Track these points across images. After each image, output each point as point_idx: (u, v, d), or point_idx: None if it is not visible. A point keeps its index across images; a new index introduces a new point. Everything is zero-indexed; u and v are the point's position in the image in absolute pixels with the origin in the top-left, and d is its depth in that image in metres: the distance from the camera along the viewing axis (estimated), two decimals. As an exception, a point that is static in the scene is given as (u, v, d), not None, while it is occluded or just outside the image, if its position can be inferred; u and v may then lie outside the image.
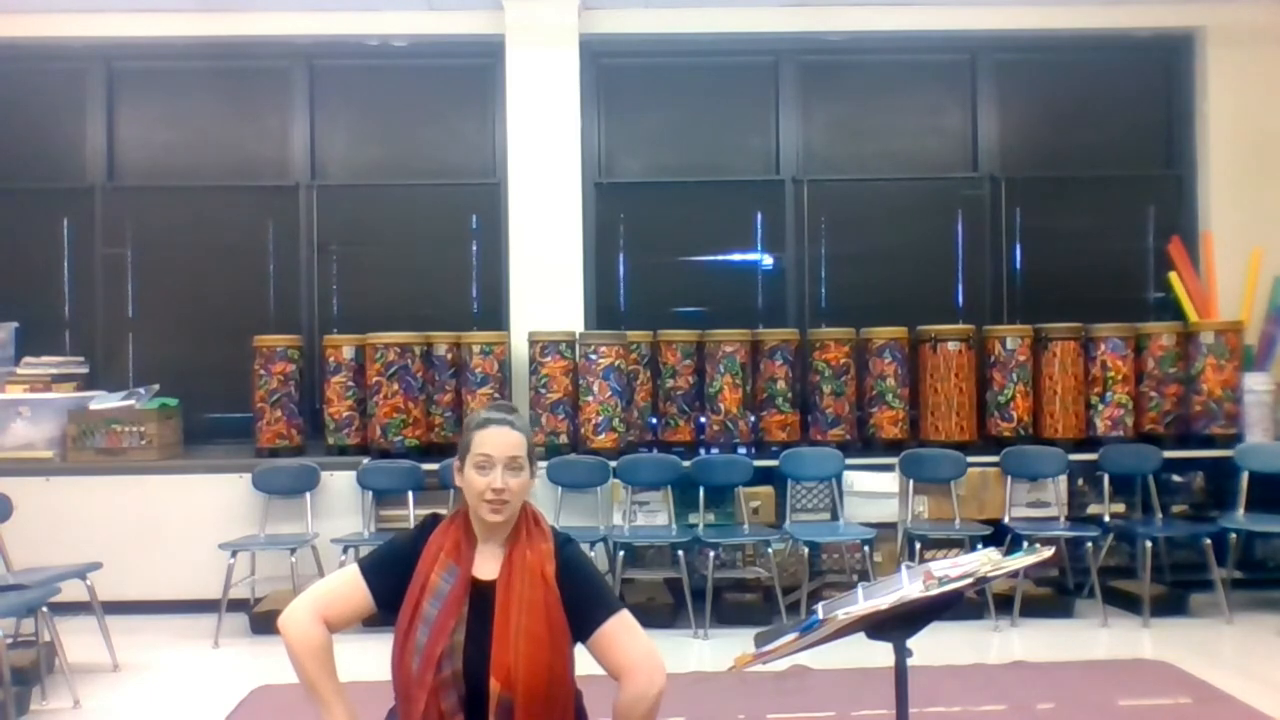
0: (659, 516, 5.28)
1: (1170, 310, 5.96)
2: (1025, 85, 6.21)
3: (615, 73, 6.16)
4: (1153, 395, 5.52)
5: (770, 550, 5.07)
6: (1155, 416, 5.52)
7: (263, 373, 5.51)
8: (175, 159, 6.13)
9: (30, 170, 6.08)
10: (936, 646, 4.00)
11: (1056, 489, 5.30)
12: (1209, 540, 4.94)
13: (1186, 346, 5.55)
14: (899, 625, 1.99)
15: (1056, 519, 5.25)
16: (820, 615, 1.97)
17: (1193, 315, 5.78)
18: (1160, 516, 5.29)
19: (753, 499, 5.30)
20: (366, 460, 5.32)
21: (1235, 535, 5.05)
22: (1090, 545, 5.04)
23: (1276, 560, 5.50)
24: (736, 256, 6.19)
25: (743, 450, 5.46)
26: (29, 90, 6.09)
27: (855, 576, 5.10)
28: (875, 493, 5.31)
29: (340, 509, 5.26)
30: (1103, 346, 5.50)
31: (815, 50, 6.14)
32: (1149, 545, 4.96)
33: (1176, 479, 5.50)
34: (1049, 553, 2.09)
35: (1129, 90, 6.24)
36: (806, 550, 5.18)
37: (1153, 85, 6.24)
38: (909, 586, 1.94)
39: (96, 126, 6.09)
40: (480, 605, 2.04)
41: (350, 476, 5.24)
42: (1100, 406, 5.49)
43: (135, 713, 3.91)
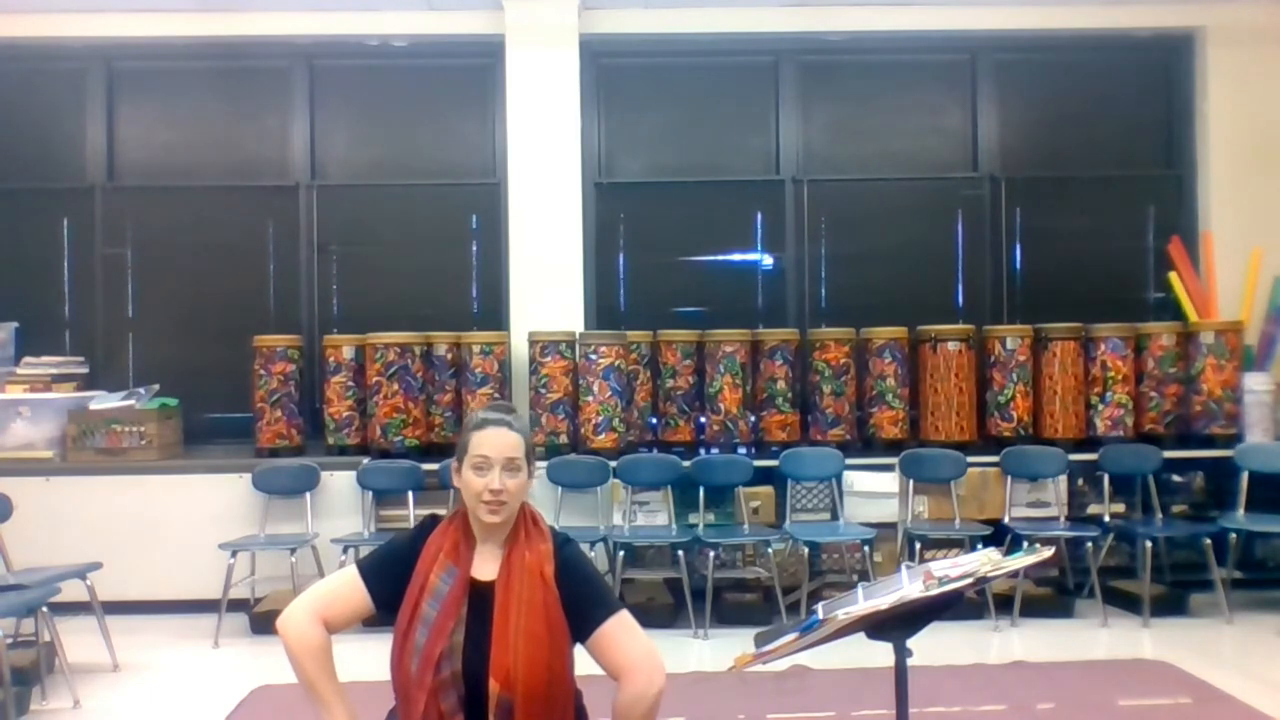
0: (659, 516, 5.28)
1: (1170, 310, 5.96)
2: (1025, 85, 6.22)
3: (615, 73, 6.16)
4: (1153, 395, 5.52)
5: (770, 550, 5.07)
6: (1155, 416, 5.52)
7: (263, 373, 5.51)
8: (175, 159, 6.13)
9: (30, 170, 6.08)
10: (936, 646, 4.00)
11: (1056, 489, 5.30)
12: (1209, 540, 4.94)
13: (1186, 346, 5.55)
14: (899, 625, 1.99)
15: (1056, 519, 5.25)
16: (820, 615, 1.97)
17: (1193, 315, 5.78)
18: (1160, 516, 5.29)
19: (753, 499, 5.30)
20: (366, 460, 5.32)
21: (1235, 535, 5.05)
22: (1090, 545, 5.04)
23: (1276, 560, 5.50)
24: (736, 256, 6.19)
25: (743, 450, 5.46)
26: (29, 90, 6.10)
27: (855, 576, 5.09)
28: (875, 493, 5.31)
29: (340, 509, 5.26)
30: (1103, 346, 5.50)
31: (815, 50, 6.14)
32: (1149, 545, 4.97)
33: (1176, 479, 5.50)
34: (1049, 553, 2.09)
35: (1129, 90, 6.24)
36: (806, 550, 5.18)
37: (1153, 85, 6.24)
38: (909, 586, 1.94)
39: (96, 126, 6.09)
40: (479, 606, 2.04)
41: (350, 476, 5.25)
42: (1100, 406, 5.49)
43: (135, 713, 3.92)
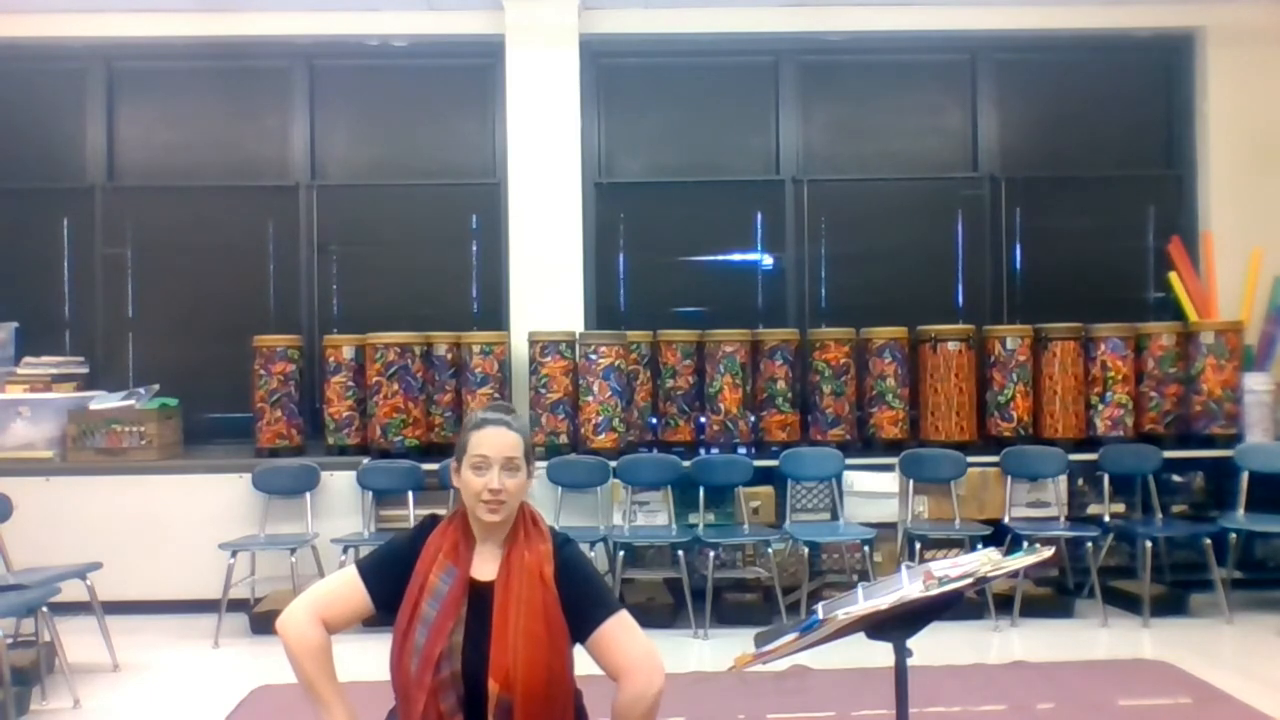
0: (659, 516, 5.28)
1: (1170, 310, 5.96)
2: (1025, 85, 6.22)
3: (615, 73, 6.16)
4: (1153, 395, 5.52)
5: (770, 550, 5.06)
6: (1155, 416, 5.52)
7: (263, 373, 5.51)
8: (175, 159, 6.13)
9: (30, 170, 6.08)
10: (936, 646, 4.01)
11: (1056, 489, 5.30)
12: (1209, 540, 4.94)
13: (1186, 346, 5.55)
14: (899, 625, 1.99)
15: (1056, 519, 5.24)
16: (820, 615, 1.97)
17: (1193, 315, 5.78)
18: (1160, 516, 5.28)
19: (753, 499, 5.29)
20: (366, 460, 5.32)
21: (1235, 535, 5.05)
22: (1090, 545, 5.03)
23: (1276, 560, 5.50)
24: (736, 256, 6.19)
25: (743, 450, 5.45)
26: (29, 90, 6.10)
27: (855, 576, 5.09)
28: (875, 493, 5.31)
29: (340, 509, 5.26)
30: (1103, 346, 5.50)
31: (815, 50, 6.14)
32: (1149, 545, 4.96)
33: (1176, 479, 5.50)
34: (1049, 553, 2.09)
35: (1129, 90, 6.24)
36: (806, 550, 5.18)
37: (1153, 85, 6.24)
38: (909, 586, 1.94)
39: (96, 126, 6.09)
40: (479, 606, 2.04)
41: (350, 476, 5.24)
42: (1100, 406, 5.49)
43: (135, 713, 3.91)
